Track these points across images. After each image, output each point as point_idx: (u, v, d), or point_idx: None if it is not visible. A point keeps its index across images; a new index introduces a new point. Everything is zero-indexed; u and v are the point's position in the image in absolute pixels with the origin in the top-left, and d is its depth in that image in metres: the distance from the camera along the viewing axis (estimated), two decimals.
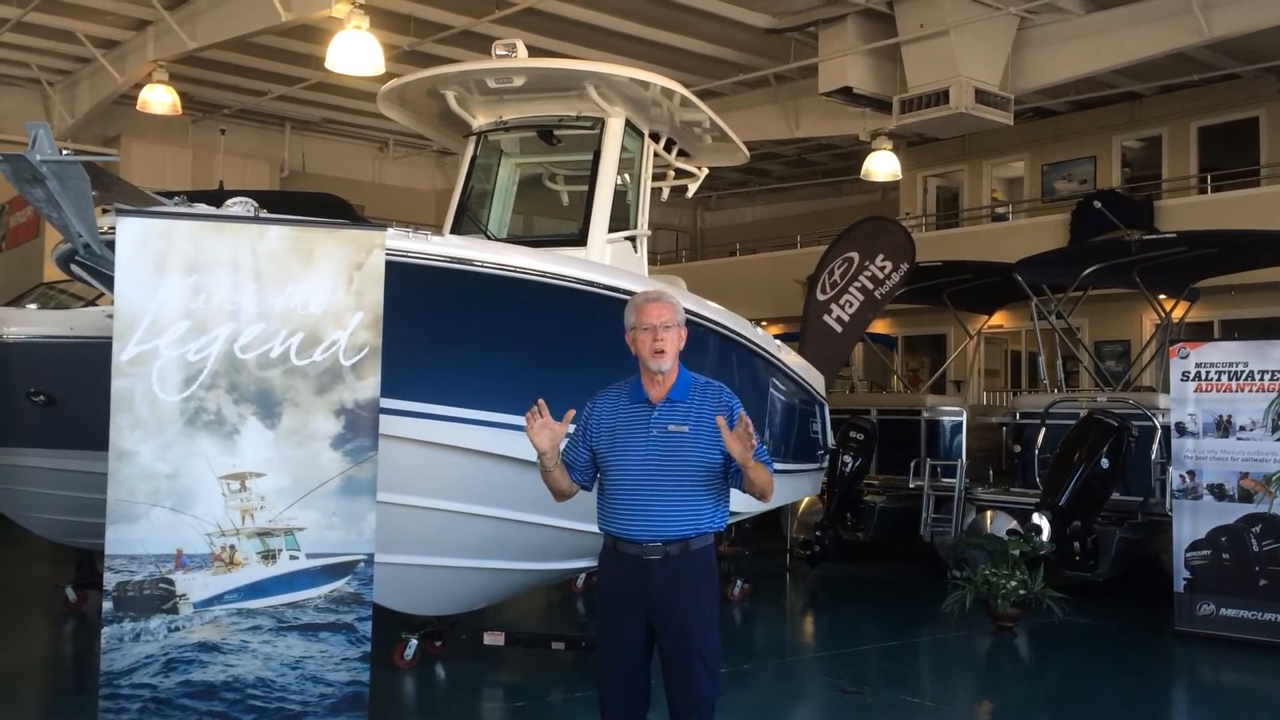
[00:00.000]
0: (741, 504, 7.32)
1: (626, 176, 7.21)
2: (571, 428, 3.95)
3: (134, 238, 4.34)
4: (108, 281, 4.52)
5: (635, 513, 3.84)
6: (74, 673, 6.95)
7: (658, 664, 3.95)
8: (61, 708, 6.16)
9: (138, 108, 14.88)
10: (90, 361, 5.74)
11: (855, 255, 11.42)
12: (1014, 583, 7.92)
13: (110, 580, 4.34)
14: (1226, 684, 7.37)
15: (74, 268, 4.92)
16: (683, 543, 3.83)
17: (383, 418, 4.63)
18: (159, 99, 14.57)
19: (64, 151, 3.73)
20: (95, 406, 4.56)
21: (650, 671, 3.97)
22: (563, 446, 3.98)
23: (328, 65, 11.79)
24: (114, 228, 4.30)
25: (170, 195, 4.64)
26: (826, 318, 11.17)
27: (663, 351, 3.84)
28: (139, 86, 14.79)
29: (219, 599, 4.42)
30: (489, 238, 7.13)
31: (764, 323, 12.35)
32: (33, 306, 9.00)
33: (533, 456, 4.23)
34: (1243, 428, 7.90)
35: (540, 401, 3.83)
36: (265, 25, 12.50)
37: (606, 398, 4.02)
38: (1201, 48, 13.19)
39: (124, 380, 4.34)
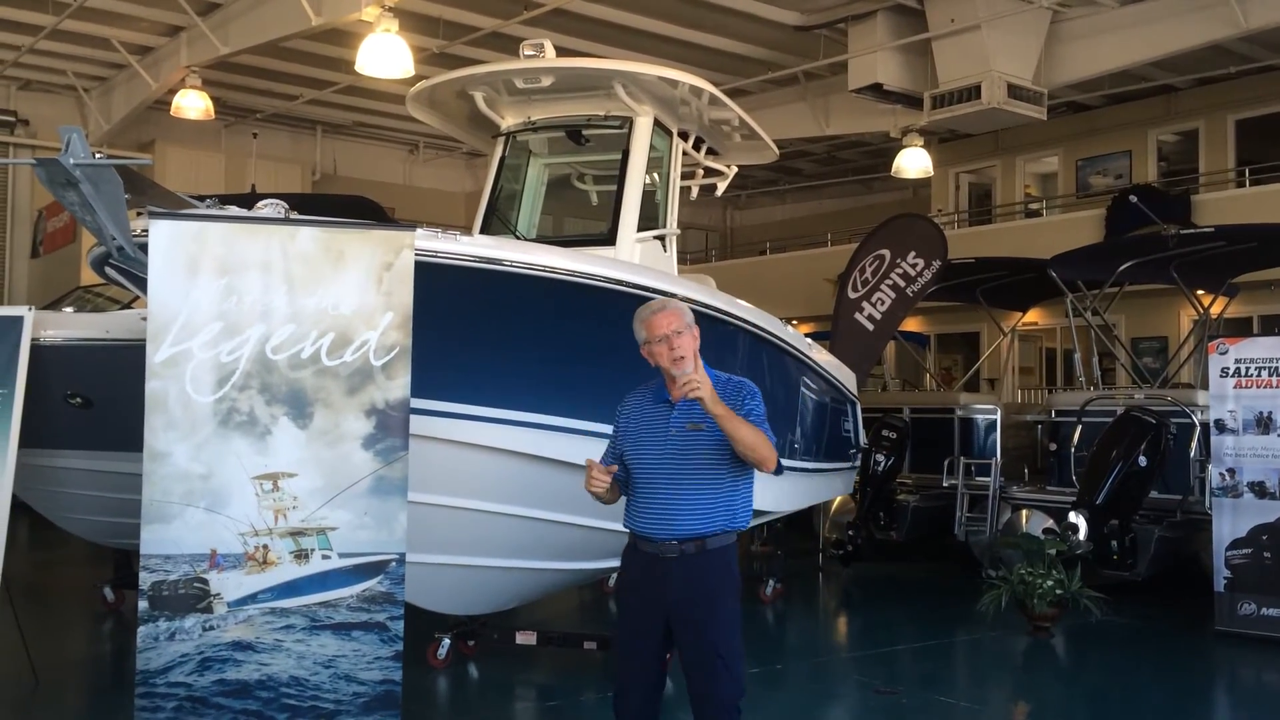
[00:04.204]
0: (771, 503, 7.36)
1: (655, 176, 7.20)
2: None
3: (166, 240, 4.38)
4: (141, 284, 4.56)
5: (653, 511, 3.89)
6: (112, 671, 7.03)
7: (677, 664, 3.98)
8: (101, 705, 6.23)
9: (171, 113, 15.06)
10: (126, 364, 5.80)
11: (886, 253, 11.34)
12: (1050, 582, 7.83)
13: (145, 580, 4.38)
14: (1268, 685, 7.24)
15: (108, 270, 4.96)
16: (699, 541, 3.85)
17: (413, 418, 4.65)
18: (192, 104, 14.74)
19: (97, 155, 3.77)
20: (131, 408, 4.59)
21: (665, 670, 4.01)
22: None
23: (358, 68, 11.88)
24: (147, 230, 4.34)
25: (202, 198, 4.68)
26: (858, 316, 11.11)
27: (682, 358, 3.87)
28: (173, 92, 14.96)
29: (253, 598, 4.45)
30: (518, 238, 7.13)
31: (795, 321, 12.29)
32: (69, 310, 9.11)
33: (563, 456, 4.26)
34: None
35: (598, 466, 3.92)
36: (296, 29, 12.61)
37: (633, 399, 4.11)
38: (1238, 40, 13.00)
39: (158, 382, 4.38)
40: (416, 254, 4.61)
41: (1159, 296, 13.51)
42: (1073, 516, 8.91)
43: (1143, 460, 8.82)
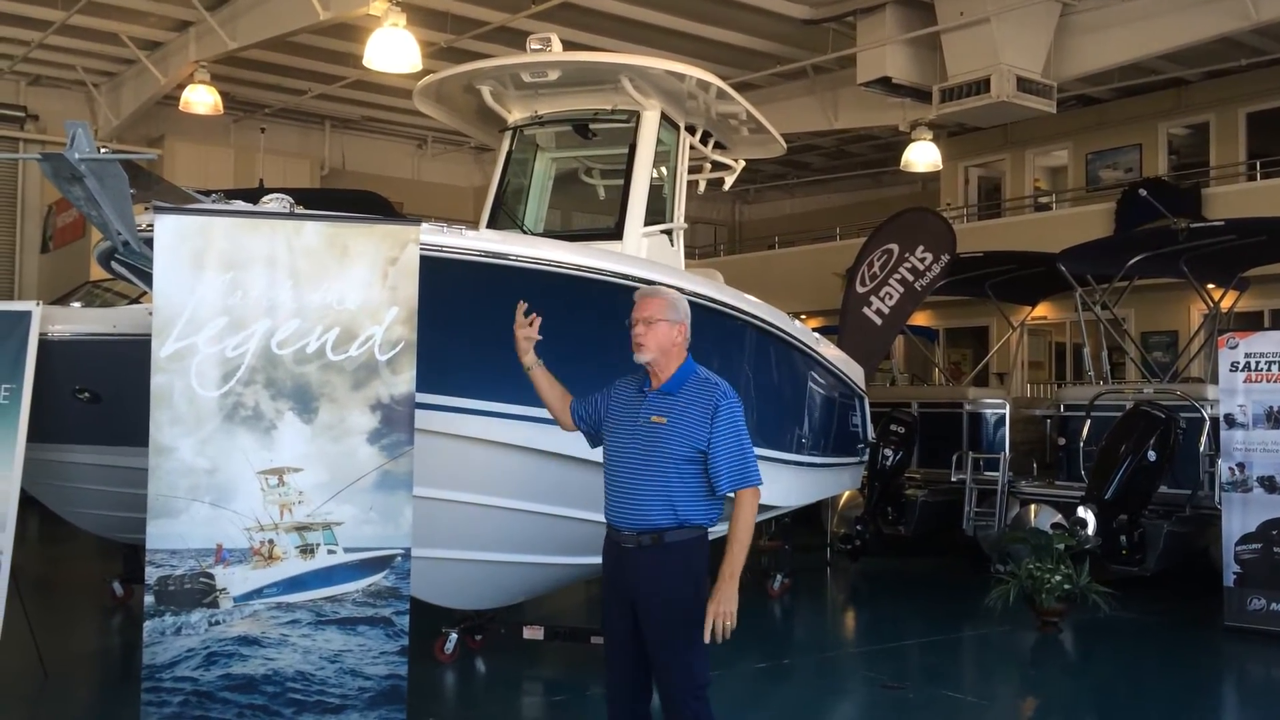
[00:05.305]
0: (779, 497, 7.35)
1: (662, 170, 7.18)
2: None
3: (171, 235, 4.38)
4: (148, 279, 4.57)
5: (616, 499, 3.96)
6: (121, 664, 7.04)
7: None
8: (109, 699, 6.25)
9: (180, 108, 15.07)
10: (133, 358, 5.81)
11: (895, 247, 11.31)
12: (1059, 577, 7.81)
13: (151, 574, 4.39)
14: (1277, 680, 7.22)
15: (115, 265, 4.97)
16: (655, 534, 3.88)
17: (418, 412, 4.65)
18: (201, 99, 14.74)
19: (102, 150, 3.76)
20: (139, 403, 4.60)
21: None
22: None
23: (365, 63, 11.86)
24: (152, 225, 4.34)
25: (207, 193, 4.68)
26: (866, 310, 11.07)
27: (640, 345, 3.95)
28: (181, 87, 14.97)
29: (258, 593, 4.46)
30: (525, 232, 7.12)
31: (803, 316, 12.27)
32: (77, 305, 9.13)
33: (568, 450, 4.26)
34: None
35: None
36: (304, 24, 12.61)
37: (622, 382, 4.17)
38: (1249, 32, 12.92)
39: (163, 376, 4.39)
40: (422, 249, 4.60)
41: (1169, 290, 13.44)
42: (1081, 511, 8.87)
43: (1152, 455, 8.79)
